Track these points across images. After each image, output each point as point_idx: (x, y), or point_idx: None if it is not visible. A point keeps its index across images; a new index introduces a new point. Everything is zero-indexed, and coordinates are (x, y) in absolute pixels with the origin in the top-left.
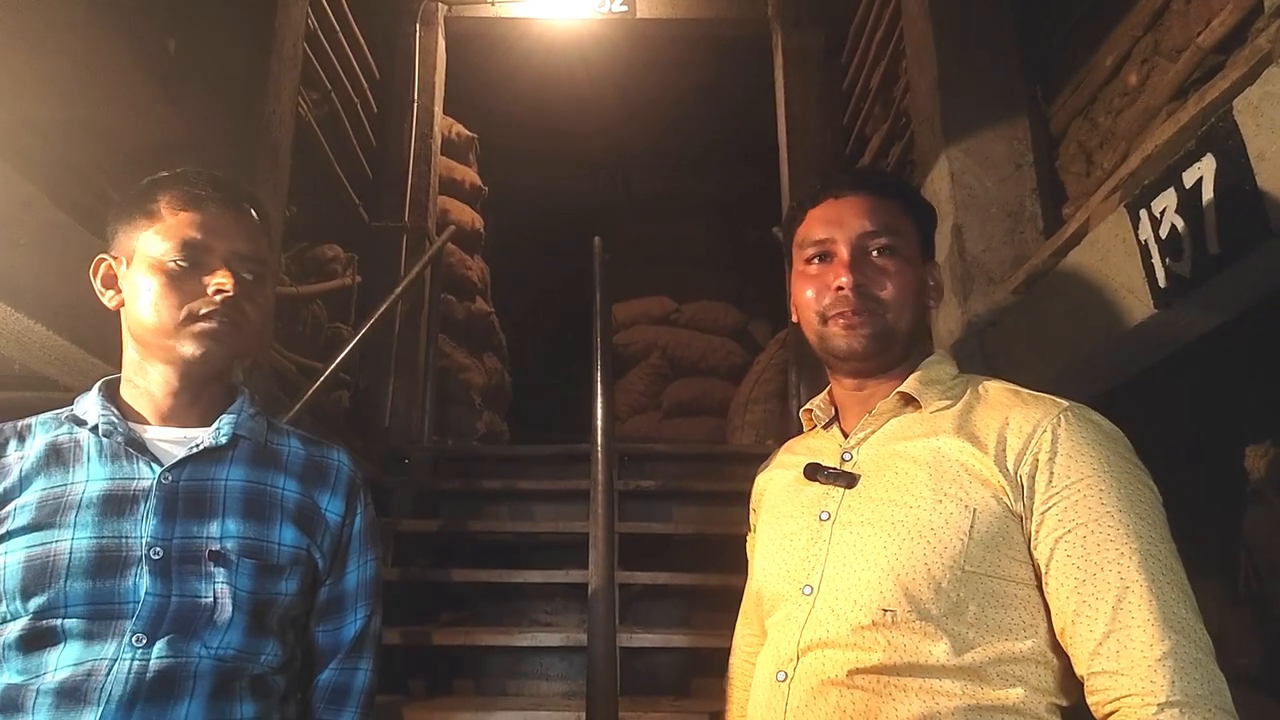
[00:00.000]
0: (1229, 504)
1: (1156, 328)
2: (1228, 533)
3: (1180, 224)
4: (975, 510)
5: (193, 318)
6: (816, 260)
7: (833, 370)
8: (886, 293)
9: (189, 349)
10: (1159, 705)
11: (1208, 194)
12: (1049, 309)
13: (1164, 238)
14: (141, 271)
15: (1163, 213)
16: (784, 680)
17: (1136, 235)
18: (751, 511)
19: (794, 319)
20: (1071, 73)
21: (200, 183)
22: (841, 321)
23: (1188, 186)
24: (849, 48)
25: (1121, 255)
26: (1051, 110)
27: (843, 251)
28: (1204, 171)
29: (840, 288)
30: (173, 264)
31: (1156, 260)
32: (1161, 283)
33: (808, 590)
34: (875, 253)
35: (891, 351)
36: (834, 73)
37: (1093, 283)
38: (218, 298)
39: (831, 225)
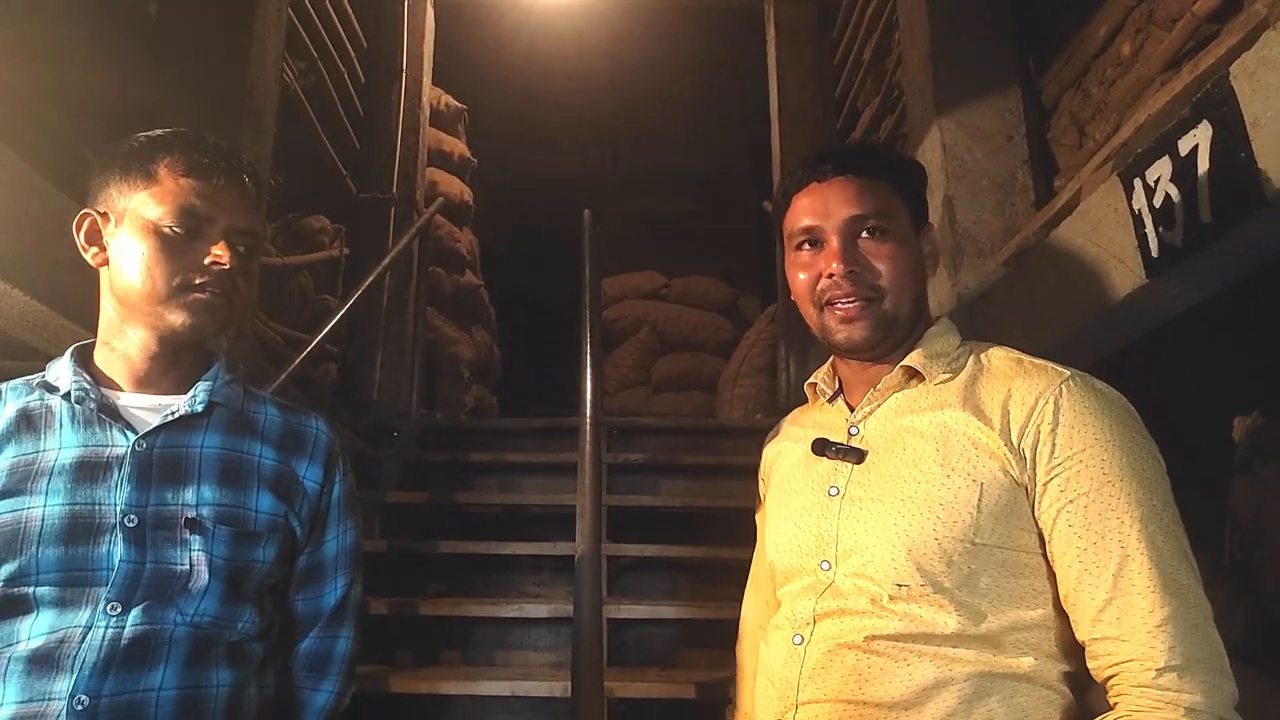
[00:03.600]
0: (1216, 475)
1: (1147, 298)
2: (1215, 504)
3: (1174, 193)
4: (983, 484)
5: (186, 288)
6: (807, 246)
7: (836, 355)
8: (882, 278)
9: (179, 318)
10: (1158, 670)
11: (1203, 162)
12: (1039, 281)
13: (1158, 207)
14: (133, 233)
15: (1157, 181)
16: (800, 644)
17: (1130, 205)
18: (760, 482)
19: (792, 297)
20: (1064, 44)
21: (204, 150)
22: (839, 311)
23: (1183, 154)
24: (841, 20)
25: (1113, 225)
26: (1044, 82)
27: (832, 239)
28: (1199, 139)
29: (831, 275)
30: (169, 230)
31: (1150, 230)
32: (1154, 252)
33: (826, 566)
34: (866, 234)
35: (894, 337)
36: (826, 46)
37: (1083, 254)
38: (214, 269)
39: (818, 213)
